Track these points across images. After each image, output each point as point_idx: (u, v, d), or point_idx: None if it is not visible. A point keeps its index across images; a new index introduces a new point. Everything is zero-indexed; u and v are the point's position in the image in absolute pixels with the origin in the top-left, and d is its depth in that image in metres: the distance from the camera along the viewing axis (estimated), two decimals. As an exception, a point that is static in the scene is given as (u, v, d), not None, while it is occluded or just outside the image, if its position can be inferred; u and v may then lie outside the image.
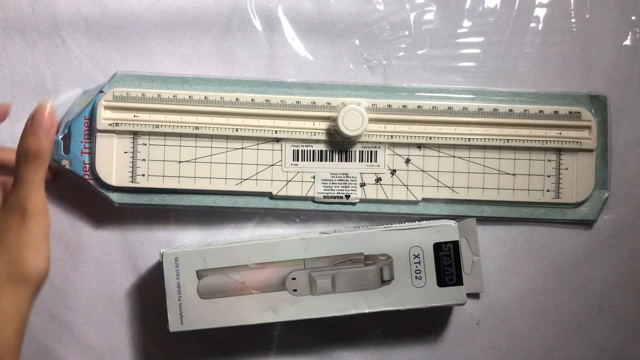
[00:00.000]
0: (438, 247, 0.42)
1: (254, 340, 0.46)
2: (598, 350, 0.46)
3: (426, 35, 0.46)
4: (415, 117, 0.43)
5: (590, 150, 0.44)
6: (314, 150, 0.44)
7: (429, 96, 0.44)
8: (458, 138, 0.44)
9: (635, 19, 0.46)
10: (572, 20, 0.46)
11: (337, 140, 0.44)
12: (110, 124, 0.43)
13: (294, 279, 0.41)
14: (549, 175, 0.44)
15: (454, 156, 0.44)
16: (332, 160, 0.44)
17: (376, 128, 0.43)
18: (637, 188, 0.46)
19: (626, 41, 0.46)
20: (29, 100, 0.45)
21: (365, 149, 0.44)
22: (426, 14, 0.46)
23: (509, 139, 0.44)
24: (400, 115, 0.44)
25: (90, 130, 0.43)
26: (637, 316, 0.46)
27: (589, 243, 0.46)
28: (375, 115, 0.43)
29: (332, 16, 0.46)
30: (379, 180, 0.44)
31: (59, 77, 0.45)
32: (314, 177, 0.44)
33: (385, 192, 0.44)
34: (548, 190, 0.44)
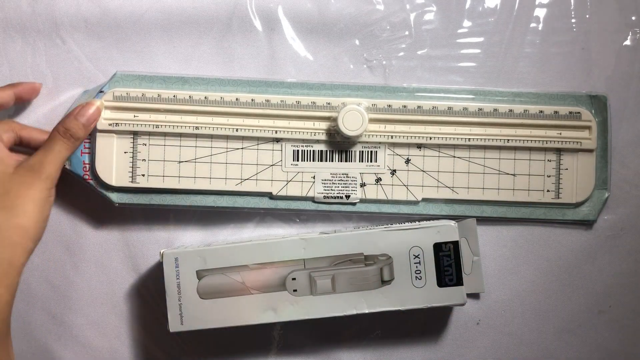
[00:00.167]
0: (438, 247, 0.42)
1: (254, 340, 0.46)
2: (598, 350, 0.46)
3: (426, 35, 0.46)
4: (416, 117, 0.43)
5: (590, 151, 0.44)
6: (314, 151, 0.44)
7: (429, 96, 0.44)
8: (458, 138, 0.44)
9: (635, 19, 0.46)
10: (572, 20, 0.46)
11: (337, 141, 0.44)
12: (110, 124, 0.43)
13: (294, 279, 0.41)
14: (549, 176, 0.44)
15: (454, 156, 0.44)
16: (332, 161, 0.44)
17: (376, 128, 0.43)
18: (637, 188, 0.46)
19: (626, 41, 0.46)
20: (29, 100, 0.45)
21: (365, 149, 0.44)
22: (426, 14, 0.46)
23: (509, 139, 0.44)
24: (401, 116, 0.43)
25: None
26: (637, 316, 0.46)
27: (589, 243, 0.46)
28: (375, 116, 0.43)
29: (332, 16, 0.46)
30: (379, 180, 0.44)
31: (59, 77, 0.45)
32: (314, 177, 0.44)
33: (385, 192, 0.44)
34: (548, 191, 0.44)
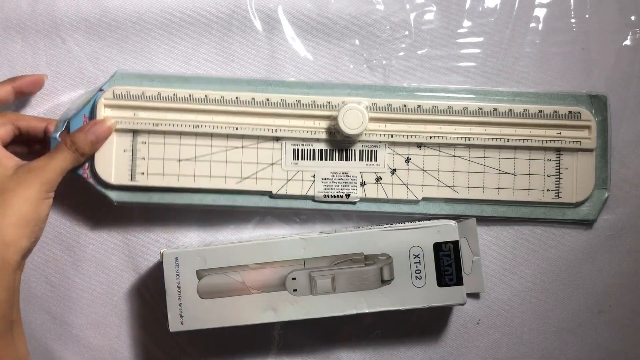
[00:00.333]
0: (438, 247, 0.42)
1: (254, 340, 0.46)
2: (598, 350, 0.46)
3: (426, 35, 0.46)
4: (416, 117, 0.43)
5: (590, 150, 0.44)
6: (314, 149, 0.44)
7: (429, 96, 0.44)
8: (458, 137, 0.44)
9: (635, 19, 0.46)
10: (572, 20, 0.46)
11: (338, 139, 0.44)
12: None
13: (294, 279, 0.41)
14: (549, 175, 0.44)
15: (454, 155, 0.44)
16: (333, 159, 0.44)
17: (376, 127, 0.43)
18: (637, 188, 0.46)
19: (626, 41, 0.46)
20: (29, 100, 0.45)
21: (365, 148, 0.44)
22: (426, 14, 0.46)
23: (509, 139, 0.44)
24: (401, 115, 0.43)
25: (90, 130, 0.43)
26: (637, 316, 0.46)
27: (589, 243, 0.46)
28: (375, 115, 0.43)
29: (332, 16, 0.46)
30: (379, 179, 0.44)
31: (59, 77, 0.45)
32: (314, 176, 0.44)
33: (385, 192, 0.44)
34: (548, 190, 0.44)
